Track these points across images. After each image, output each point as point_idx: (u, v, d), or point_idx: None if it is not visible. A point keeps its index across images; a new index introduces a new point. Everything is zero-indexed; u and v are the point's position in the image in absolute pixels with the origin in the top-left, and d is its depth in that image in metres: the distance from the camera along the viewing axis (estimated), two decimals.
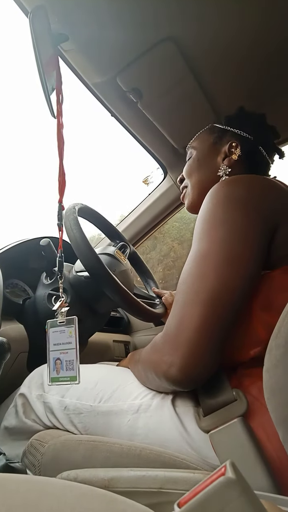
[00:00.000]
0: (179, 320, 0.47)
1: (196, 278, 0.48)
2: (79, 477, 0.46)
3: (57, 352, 0.63)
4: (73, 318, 0.64)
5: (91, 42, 0.75)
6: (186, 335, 0.46)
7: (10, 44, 8.05)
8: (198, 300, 0.46)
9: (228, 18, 0.74)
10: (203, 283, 0.47)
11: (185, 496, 0.22)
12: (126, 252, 1.07)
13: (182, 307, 0.48)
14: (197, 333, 0.45)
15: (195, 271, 0.49)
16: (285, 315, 0.38)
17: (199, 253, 0.49)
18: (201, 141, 0.79)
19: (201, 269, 0.48)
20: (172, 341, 0.47)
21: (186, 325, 0.46)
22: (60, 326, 0.64)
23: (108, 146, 3.87)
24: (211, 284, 0.46)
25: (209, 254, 0.48)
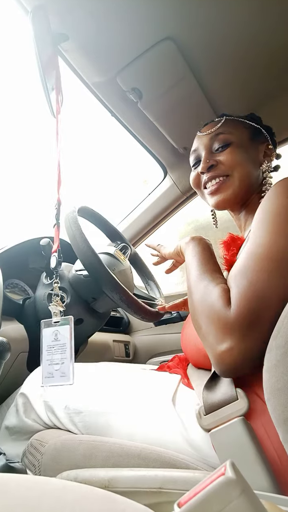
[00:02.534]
0: (256, 309, 0.45)
1: (276, 270, 0.46)
2: (79, 477, 0.46)
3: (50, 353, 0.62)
4: (69, 318, 0.63)
5: (91, 42, 0.75)
6: (261, 328, 0.44)
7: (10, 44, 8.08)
8: (276, 294, 0.44)
9: (228, 18, 0.74)
10: (281, 277, 0.45)
11: (185, 496, 0.22)
12: (127, 252, 1.07)
13: (261, 296, 0.45)
14: (270, 329, 0.42)
15: (268, 263, 0.47)
16: (285, 315, 0.38)
17: (272, 245, 0.48)
18: (238, 130, 0.73)
19: (276, 261, 0.46)
20: (245, 326, 0.45)
21: (263, 318, 0.44)
22: (55, 326, 0.64)
23: (108, 146, 3.87)
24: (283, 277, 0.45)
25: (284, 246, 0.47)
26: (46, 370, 0.61)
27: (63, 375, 0.59)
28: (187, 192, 1.25)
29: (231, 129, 0.73)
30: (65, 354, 0.61)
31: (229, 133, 0.72)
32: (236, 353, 0.44)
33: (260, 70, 0.88)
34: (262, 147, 0.74)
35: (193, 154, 0.78)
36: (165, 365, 0.72)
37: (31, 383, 0.72)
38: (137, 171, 1.68)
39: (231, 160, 0.70)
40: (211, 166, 0.71)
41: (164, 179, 1.26)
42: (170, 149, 1.12)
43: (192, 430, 0.51)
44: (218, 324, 0.47)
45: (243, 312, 0.45)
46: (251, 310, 0.45)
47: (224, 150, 0.71)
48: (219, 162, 0.71)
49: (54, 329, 0.63)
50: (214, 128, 0.73)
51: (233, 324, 0.46)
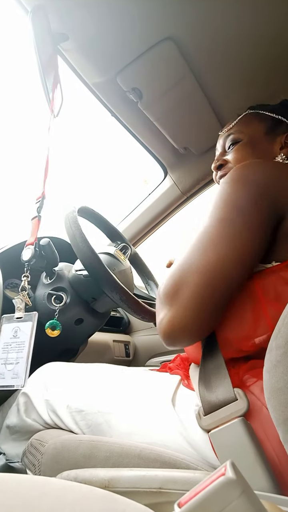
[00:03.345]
0: (177, 283, 0.51)
1: (197, 249, 0.51)
2: (79, 477, 0.46)
3: (6, 351, 0.56)
4: (32, 314, 0.59)
5: (91, 42, 0.75)
6: (182, 297, 0.49)
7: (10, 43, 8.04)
8: (196, 269, 0.50)
9: (228, 18, 0.74)
10: (202, 254, 0.50)
11: (185, 496, 0.22)
12: (127, 253, 1.07)
13: (181, 272, 0.51)
14: (191, 298, 0.49)
15: (195, 243, 0.52)
16: (285, 315, 0.38)
17: (202, 228, 0.53)
18: (250, 127, 0.74)
19: (201, 241, 0.51)
20: (169, 298, 0.51)
21: (182, 289, 0.50)
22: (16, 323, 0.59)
23: (108, 146, 3.86)
24: (208, 256, 0.50)
25: (210, 228, 0.51)
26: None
27: (15, 376, 0.55)
28: (187, 192, 1.25)
29: (243, 127, 0.74)
30: (22, 353, 0.56)
31: (239, 133, 0.73)
32: (165, 321, 0.50)
33: (260, 70, 0.88)
34: (280, 139, 0.72)
35: (215, 152, 0.80)
36: (166, 366, 0.71)
37: (32, 382, 0.72)
38: (137, 171, 1.67)
39: (236, 158, 0.71)
40: (220, 165, 0.74)
41: (164, 179, 1.26)
42: (170, 149, 1.12)
43: (192, 430, 0.51)
44: (157, 299, 0.55)
45: (166, 285, 0.52)
46: (172, 283, 0.51)
47: (233, 149, 0.73)
48: (227, 161, 0.73)
49: (14, 325, 0.58)
50: (229, 127, 0.76)
51: (160, 297, 0.53)
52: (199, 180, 1.21)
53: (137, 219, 1.34)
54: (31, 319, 0.59)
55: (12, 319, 0.60)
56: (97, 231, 1.10)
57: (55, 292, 0.90)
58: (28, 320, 0.59)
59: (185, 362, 0.70)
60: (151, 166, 1.23)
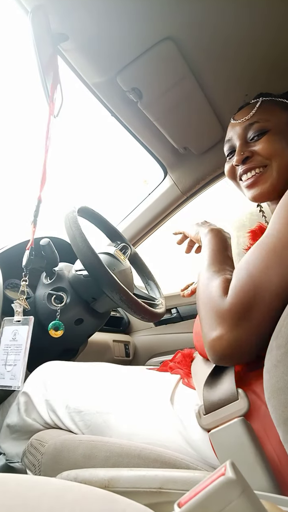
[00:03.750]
0: (249, 302, 0.45)
1: (274, 265, 0.45)
2: (79, 477, 0.46)
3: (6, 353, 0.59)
4: (29, 318, 0.61)
5: (91, 42, 0.75)
6: (253, 320, 0.44)
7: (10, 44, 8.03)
8: (274, 290, 0.44)
9: (228, 18, 0.74)
10: (281, 273, 0.44)
11: (185, 496, 0.22)
12: (127, 253, 1.07)
13: (256, 290, 0.45)
14: (263, 323, 0.44)
15: (272, 256, 0.46)
16: (285, 315, 0.38)
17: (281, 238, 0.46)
18: (275, 116, 0.66)
19: (280, 256, 0.45)
20: (237, 316, 0.45)
21: (255, 311, 0.45)
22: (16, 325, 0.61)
23: (108, 146, 3.84)
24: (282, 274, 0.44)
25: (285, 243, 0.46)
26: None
27: (13, 377, 0.57)
28: (187, 192, 1.25)
29: (268, 115, 0.66)
30: (19, 356, 0.58)
31: (265, 121, 0.65)
32: (225, 341, 0.46)
33: (260, 70, 0.88)
34: None
35: (227, 144, 0.72)
36: (167, 364, 0.71)
37: (33, 382, 0.72)
38: (137, 171, 1.67)
39: (268, 149, 0.64)
40: (246, 158, 0.66)
41: (164, 179, 1.26)
42: (170, 149, 1.12)
43: (192, 430, 0.51)
44: (212, 312, 0.48)
45: (237, 302, 0.46)
46: (244, 301, 0.46)
47: (260, 139, 0.65)
48: (254, 153, 0.65)
49: (14, 328, 0.61)
50: (249, 115, 0.67)
51: (225, 313, 0.47)
52: (199, 180, 1.21)
53: (137, 219, 1.34)
54: (27, 323, 0.60)
55: (12, 321, 0.62)
56: (97, 231, 1.10)
57: (55, 292, 0.90)
58: (25, 324, 0.61)
59: (187, 358, 0.70)
60: (151, 166, 1.23)
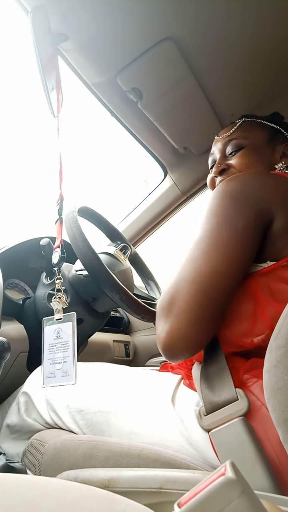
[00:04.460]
0: (172, 295, 0.51)
1: (189, 261, 0.52)
2: (79, 477, 0.46)
3: (52, 351, 0.60)
4: (71, 314, 0.62)
5: (91, 42, 0.75)
6: (177, 309, 0.50)
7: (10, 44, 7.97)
8: (189, 279, 0.50)
9: (228, 17, 0.74)
10: (193, 266, 0.51)
11: (185, 496, 0.22)
12: (127, 253, 1.07)
13: (176, 284, 0.52)
14: (186, 308, 0.49)
15: (188, 255, 0.53)
16: (285, 315, 0.38)
17: (193, 240, 0.54)
18: (252, 134, 0.74)
19: (192, 253, 0.53)
20: (166, 311, 0.52)
21: (177, 300, 0.50)
22: (57, 324, 0.62)
23: (108, 146, 3.82)
24: (200, 267, 0.51)
25: (200, 240, 0.53)
26: (48, 370, 0.59)
27: (65, 374, 0.58)
28: (187, 192, 1.25)
29: (246, 133, 0.74)
30: (67, 352, 0.59)
31: (243, 138, 0.74)
32: (163, 335, 0.50)
33: (260, 70, 0.88)
34: (280, 148, 0.74)
35: (210, 157, 0.80)
36: (168, 365, 0.71)
37: (33, 382, 0.72)
38: (137, 171, 1.67)
39: (241, 163, 0.72)
40: (222, 170, 0.74)
41: (164, 179, 1.26)
42: (170, 149, 1.12)
43: (192, 430, 0.51)
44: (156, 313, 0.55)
45: (163, 298, 0.53)
46: (167, 295, 0.52)
47: (236, 154, 0.73)
48: (230, 166, 0.73)
49: (56, 326, 0.62)
50: (229, 132, 0.76)
51: (158, 310, 0.54)
52: (199, 180, 1.21)
53: (137, 219, 1.34)
54: (70, 319, 0.61)
55: (53, 321, 0.63)
56: (97, 231, 1.10)
57: (55, 292, 0.90)
58: (68, 321, 0.61)
59: (187, 361, 0.70)
60: (151, 166, 1.23)
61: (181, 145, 1.08)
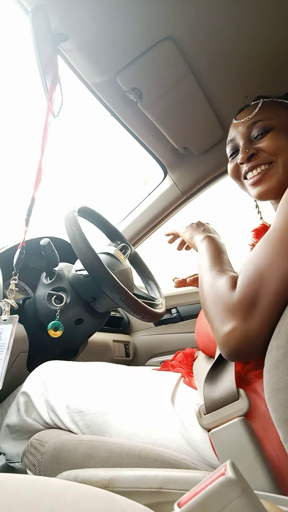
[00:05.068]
0: (256, 291, 0.45)
1: (277, 254, 0.45)
2: (79, 477, 0.46)
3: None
4: (13, 317, 0.60)
5: (91, 42, 0.75)
6: (261, 308, 0.44)
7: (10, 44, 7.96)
8: (278, 276, 0.44)
9: (228, 17, 0.74)
10: (284, 260, 0.44)
11: (185, 496, 0.22)
12: (127, 253, 1.07)
13: (260, 278, 0.45)
14: (271, 309, 0.43)
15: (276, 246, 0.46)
16: (285, 316, 0.38)
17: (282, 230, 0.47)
18: (278, 114, 0.68)
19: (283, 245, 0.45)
20: (246, 308, 0.45)
21: (262, 298, 0.44)
22: (2, 324, 0.60)
23: (108, 146, 3.80)
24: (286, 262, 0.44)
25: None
26: None
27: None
28: (187, 192, 1.25)
29: (270, 114, 0.68)
30: (1, 355, 0.57)
31: (268, 119, 0.67)
32: (238, 334, 0.45)
33: (260, 70, 0.88)
34: None
35: (230, 144, 0.73)
36: (168, 364, 0.71)
37: (32, 382, 0.72)
38: (137, 171, 1.67)
39: (273, 146, 0.65)
40: (251, 156, 0.67)
41: (164, 179, 1.26)
42: (170, 149, 1.12)
43: (192, 430, 0.51)
44: (223, 307, 0.48)
45: (245, 293, 0.46)
46: (253, 291, 0.45)
47: (264, 136, 0.66)
48: (259, 150, 0.66)
49: (0, 327, 0.60)
50: (252, 114, 0.68)
51: (235, 305, 0.46)
52: (199, 180, 1.21)
53: (137, 219, 1.34)
54: (11, 322, 0.59)
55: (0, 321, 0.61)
56: (97, 231, 1.10)
57: (55, 292, 0.90)
58: (9, 323, 0.60)
59: (189, 358, 0.70)
60: (151, 166, 1.23)
61: (181, 145, 1.08)
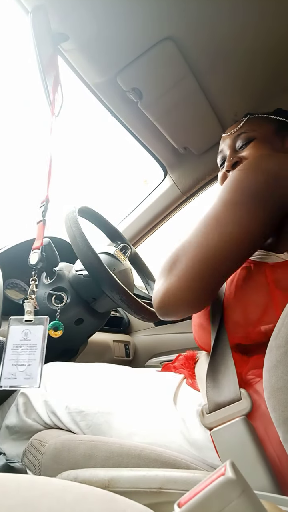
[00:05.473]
0: (176, 255, 0.53)
1: (199, 228, 0.53)
2: (79, 477, 0.46)
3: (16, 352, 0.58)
4: (44, 318, 0.60)
5: (91, 42, 0.75)
6: (179, 268, 0.51)
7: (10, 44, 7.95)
8: (196, 244, 0.51)
9: (228, 18, 0.74)
10: (204, 233, 0.52)
11: (185, 496, 0.22)
12: (127, 253, 1.07)
13: (182, 246, 0.53)
14: (188, 269, 0.50)
15: (200, 224, 0.54)
16: (285, 315, 0.38)
17: (209, 210, 0.54)
18: (261, 126, 0.74)
19: (206, 222, 0.53)
20: (167, 270, 0.53)
21: (180, 261, 0.52)
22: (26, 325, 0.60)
23: (108, 146, 3.81)
24: (210, 234, 0.51)
25: (218, 210, 0.53)
26: (8, 370, 0.57)
27: (28, 377, 0.56)
28: (187, 192, 1.25)
29: (254, 126, 0.74)
30: (34, 355, 0.57)
31: (252, 131, 0.73)
32: (160, 291, 0.52)
33: (260, 70, 0.88)
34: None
35: (219, 155, 0.80)
36: (170, 366, 0.71)
37: None
38: (137, 171, 1.67)
39: (254, 154, 0.70)
40: (235, 163, 0.72)
41: (164, 179, 1.26)
42: (170, 149, 1.12)
43: (193, 431, 0.51)
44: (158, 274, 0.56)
45: (166, 257, 0.55)
46: (171, 255, 0.53)
47: (247, 146, 0.72)
48: (242, 158, 0.72)
49: (24, 327, 0.60)
50: (237, 127, 0.75)
51: (160, 269, 0.55)
52: (199, 180, 1.21)
53: (137, 219, 1.34)
54: (42, 323, 0.60)
55: (22, 321, 0.61)
56: (97, 231, 1.10)
57: (55, 292, 0.90)
58: (39, 324, 0.60)
59: (190, 361, 0.70)
60: (151, 166, 1.23)
61: (181, 145, 1.08)
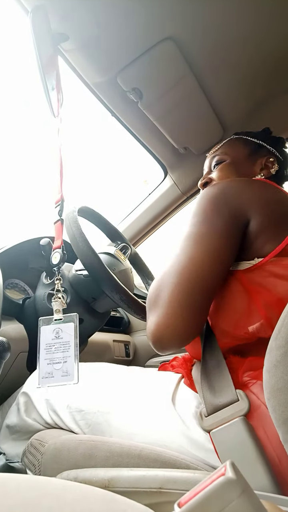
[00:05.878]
0: (157, 288, 0.56)
1: (172, 257, 0.57)
2: (79, 477, 0.46)
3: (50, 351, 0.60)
4: (73, 315, 0.62)
5: (91, 42, 0.75)
6: (162, 300, 0.53)
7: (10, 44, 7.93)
8: (172, 272, 0.55)
9: (228, 17, 0.74)
10: (176, 260, 0.56)
11: (185, 496, 0.22)
12: (127, 253, 1.07)
13: (161, 277, 0.56)
14: (171, 298, 0.52)
15: (172, 253, 0.58)
16: (285, 315, 0.38)
17: (178, 242, 0.59)
18: (234, 149, 0.82)
19: (176, 250, 0.58)
20: (152, 304, 0.56)
21: (162, 292, 0.54)
22: (56, 324, 0.62)
23: (108, 146, 3.80)
24: (181, 260, 0.55)
25: (184, 239, 0.58)
26: (45, 370, 0.59)
27: (65, 374, 0.58)
28: (187, 192, 1.25)
29: (228, 149, 0.83)
30: (68, 352, 0.59)
31: (223, 154, 0.82)
32: (151, 327, 0.53)
33: (260, 70, 0.88)
34: (261, 161, 0.80)
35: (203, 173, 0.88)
36: (168, 366, 0.71)
37: (33, 382, 0.72)
38: (137, 171, 1.67)
39: (219, 176, 0.80)
40: (205, 183, 0.82)
41: (164, 179, 1.26)
42: (170, 149, 1.12)
43: (193, 430, 0.51)
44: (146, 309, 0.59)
45: (149, 292, 0.57)
46: (153, 288, 0.56)
47: (217, 168, 0.81)
48: (212, 179, 0.81)
49: (54, 327, 0.62)
50: (215, 149, 0.85)
51: (147, 304, 0.58)
52: (199, 180, 1.21)
53: (137, 219, 1.34)
54: (72, 320, 0.62)
55: (51, 321, 0.62)
56: (97, 231, 1.10)
57: (55, 293, 0.89)
58: (69, 321, 0.62)
59: (188, 363, 0.70)
60: (151, 166, 1.23)
61: (181, 145, 1.08)
